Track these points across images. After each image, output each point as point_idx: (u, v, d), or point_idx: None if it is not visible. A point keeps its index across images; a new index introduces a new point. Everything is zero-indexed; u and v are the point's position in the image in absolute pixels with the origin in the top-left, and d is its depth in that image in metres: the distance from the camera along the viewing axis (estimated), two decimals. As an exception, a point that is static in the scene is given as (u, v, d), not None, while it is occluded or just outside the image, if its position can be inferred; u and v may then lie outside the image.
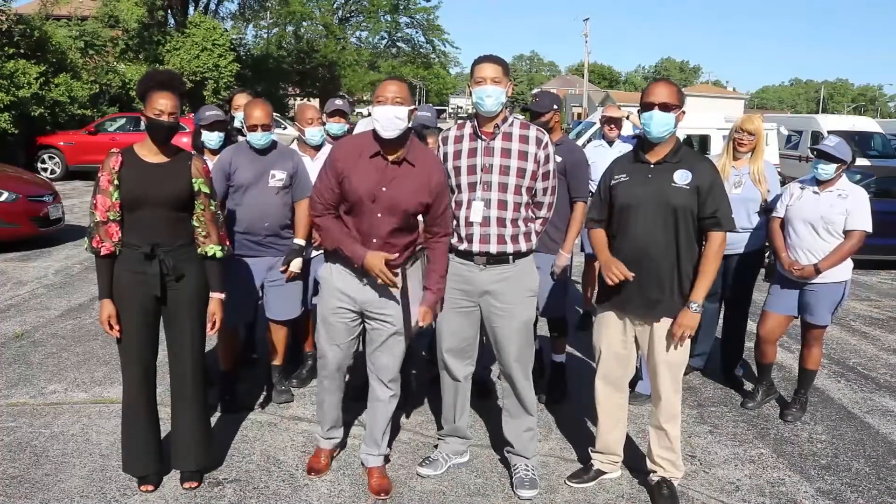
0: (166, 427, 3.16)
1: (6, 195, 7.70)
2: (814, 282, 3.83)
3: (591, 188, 3.78)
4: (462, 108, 62.30)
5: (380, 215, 2.84)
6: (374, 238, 2.86)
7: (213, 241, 3.00)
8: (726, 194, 2.95)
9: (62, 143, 14.90)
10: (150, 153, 2.89)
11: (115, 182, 2.81)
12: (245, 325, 4.48)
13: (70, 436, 3.54)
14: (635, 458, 3.43)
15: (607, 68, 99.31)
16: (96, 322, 5.26)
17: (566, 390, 4.23)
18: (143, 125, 2.88)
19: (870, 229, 3.75)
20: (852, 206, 3.72)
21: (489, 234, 2.98)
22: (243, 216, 3.71)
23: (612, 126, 5.54)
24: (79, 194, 12.61)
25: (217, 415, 3.80)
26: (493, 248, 2.99)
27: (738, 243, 4.27)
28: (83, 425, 3.66)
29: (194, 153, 3.11)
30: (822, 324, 3.93)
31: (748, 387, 4.45)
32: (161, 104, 2.80)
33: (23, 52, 14.95)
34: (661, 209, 2.88)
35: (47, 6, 16.79)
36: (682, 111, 2.90)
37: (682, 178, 2.87)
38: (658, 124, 2.86)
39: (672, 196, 2.87)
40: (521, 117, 3.68)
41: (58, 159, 14.89)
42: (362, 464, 3.24)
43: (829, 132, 8.58)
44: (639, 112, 2.96)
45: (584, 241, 5.21)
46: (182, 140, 9.64)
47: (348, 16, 37.72)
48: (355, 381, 3.64)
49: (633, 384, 3.68)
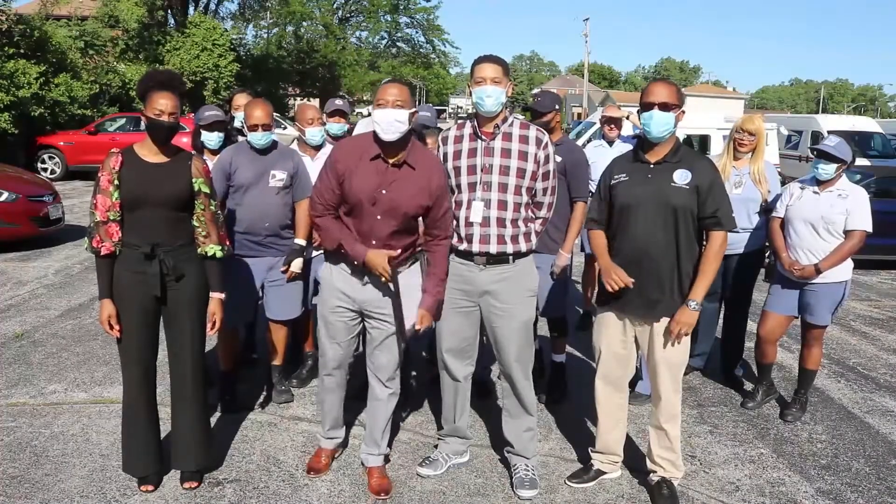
0: (166, 427, 3.16)
1: (6, 195, 7.71)
2: (814, 282, 3.83)
3: (591, 188, 3.78)
4: (462, 108, 62.28)
5: (379, 218, 2.84)
6: (374, 240, 2.86)
7: (213, 240, 3.00)
8: (726, 193, 2.95)
9: (62, 143, 14.90)
10: (150, 153, 2.89)
11: (116, 182, 2.81)
12: (245, 325, 4.48)
13: (70, 436, 3.54)
14: (635, 458, 3.43)
15: (607, 68, 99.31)
16: (96, 322, 5.26)
17: (566, 390, 4.23)
18: (144, 125, 2.88)
19: (870, 229, 3.75)
20: (852, 206, 3.72)
21: (489, 234, 2.98)
22: (243, 216, 3.71)
23: (612, 126, 5.55)
24: (79, 194, 12.61)
25: (217, 415, 3.80)
26: (492, 248, 2.98)
27: (738, 243, 4.27)
28: (83, 425, 3.66)
29: (194, 153, 3.11)
30: (823, 324, 3.93)
31: (748, 387, 4.45)
32: (161, 104, 2.80)
33: (23, 52, 14.95)
34: (660, 209, 2.88)
35: (47, 6, 16.78)
36: (682, 111, 2.90)
37: (681, 177, 2.87)
38: (658, 124, 2.86)
39: (672, 196, 2.87)
40: (521, 117, 3.68)
41: (58, 159, 14.89)
42: (362, 464, 3.24)
43: (829, 132, 8.59)
44: (638, 112, 2.96)
45: (584, 241, 5.21)
46: (182, 140, 9.63)
47: (348, 16, 37.73)
48: (355, 382, 3.64)
49: (633, 384, 3.68)
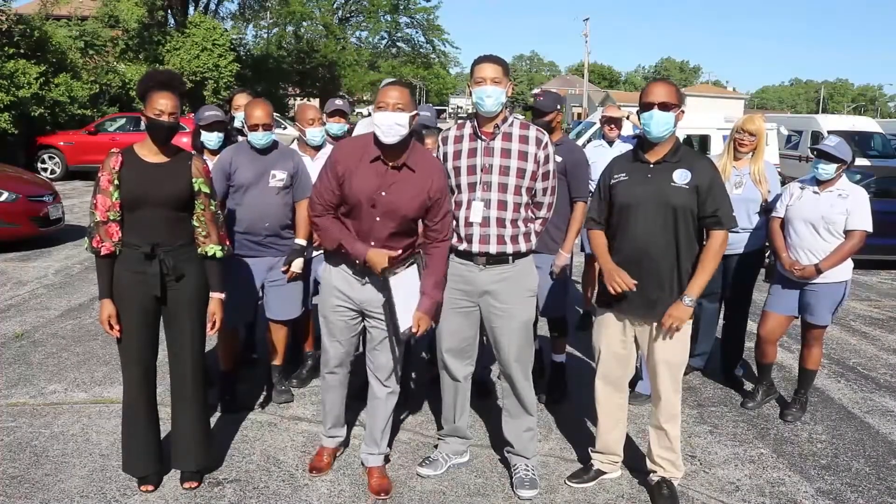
0: (166, 427, 3.16)
1: (6, 195, 7.71)
2: (814, 282, 3.83)
3: (591, 188, 3.78)
4: (462, 108, 62.23)
5: (378, 219, 2.84)
6: (373, 241, 2.86)
7: (213, 240, 3.00)
8: (727, 193, 2.95)
9: (62, 143, 14.90)
10: (150, 153, 2.89)
11: (116, 182, 2.81)
12: (245, 325, 4.48)
13: (70, 436, 3.54)
14: (635, 458, 3.43)
15: (607, 68, 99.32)
16: (96, 322, 5.26)
17: (566, 390, 4.23)
18: (144, 125, 2.88)
19: (870, 229, 3.75)
20: (852, 206, 3.72)
21: (489, 234, 2.98)
22: (243, 216, 3.71)
23: (612, 126, 5.55)
24: (79, 194, 12.61)
25: (217, 415, 3.80)
26: (492, 248, 2.98)
27: (738, 243, 4.27)
28: (83, 425, 3.66)
29: (194, 153, 3.11)
30: (823, 324, 3.92)
31: (748, 387, 4.45)
32: (161, 104, 2.80)
33: (23, 52, 14.95)
34: (660, 209, 2.88)
35: (47, 6, 16.78)
36: (682, 110, 2.90)
37: (681, 177, 2.87)
38: (658, 124, 2.86)
39: (672, 195, 2.87)
40: (521, 117, 3.68)
41: (58, 159, 14.89)
42: (362, 464, 3.24)
43: (829, 132, 8.60)
44: (638, 112, 2.96)
45: (584, 241, 5.21)
46: (182, 140, 9.63)
47: (348, 16, 37.72)
48: (356, 381, 3.64)
49: (633, 384, 3.68)
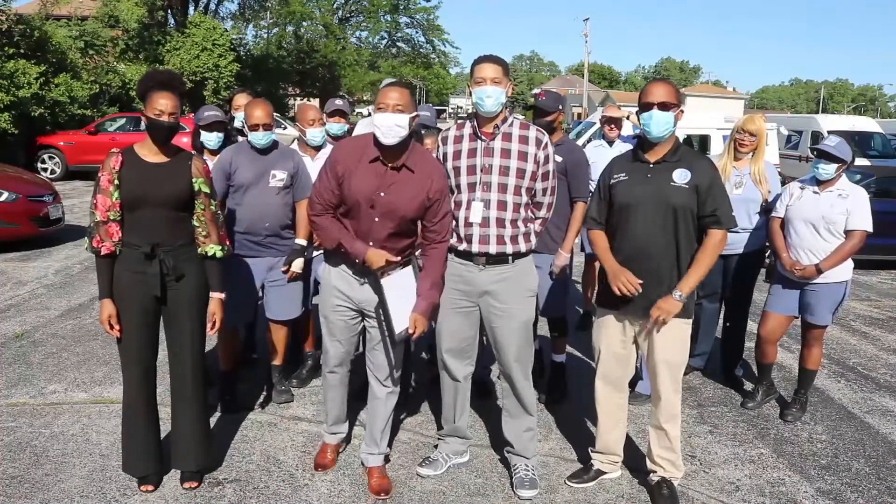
0: (166, 427, 3.16)
1: (6, 195, 7.71)
2: (815, 282, 3.83)
3: (592, 188, 3.78)
4: (462, 108, 62.25)
5: (377, 220, 2.84)
6: (372, 241, 2.86)
7: (213, 240, 3.00)
8: (726, 192, 2.95)
9: (62, 143, 14.90)
10: (150, 153, 2.89)
11: (116, 182, 2.81)
12: (245, 325, 4.48)
13: (70, 436, 3.54)
14: (635, 458, 3.43)
15: (607, 68, 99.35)
16: (96, 322, 5.26)
17: (566, 390, 4.23)
18: (144, 125, 2.88)
19: (870, 229, 3.75)
20: (853, 206, 3.72)
21: (488, 234, 2.98)
22: (243, 216, 3.71)
23: (612, 126, 5.55)
24: (79, 194, 12.61)
25: (217, 415, 3.80)
26: (492, 248, 2.98)
27: (738, 243, 4.27)
28: (83, 425, 3.66)
29: (194, 153, 3.12)
30: (823, 324, 3.92)
31: (748, 387, 4.45)
32: (161, 104, 2.80)
33: (23, 52, 14.95)
34: (660, 208, 2.88)
35: (47, 6, 16.78)
36: (681, 109, 2.90)
37: (681, 177, 2.87)
38: (658, 124, 2.86)
39: (671, 195, 2.87)
40: (521, 117, 3.68)
41: (58, 159, 14.89)
42: (362, 464, 3.24)
43: (829, 132, 8.59)
44: (637, 113, 2.96)
45: (584, 241, 5.21)
46: (182, 140, 9.63)
47: (348, 16, 37.72)
48: (356, 380, 3.64)
49: (633, 384, 3.68)
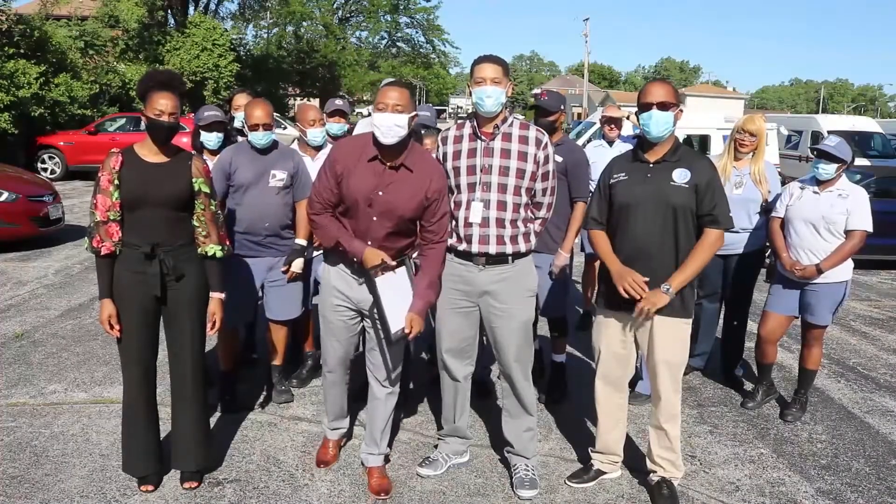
0: (166, 427, 3.16)
1: (6, 195, 7.71)
2: (815, 282, 3.82)
3: (592, 188, 3.78)
4: (462, 108, 62.27)
5: (375, 219, 2.84)
6: (370, 241, 2.86)
7: (213, 240, 3.00)
8: (724, 192, 2.95)
9: (62, 143, 14.90)
10: (150, 153, 2.90)
11: (116, 182, 2.81)
12: (245, 325, 4.48)
13: (70, 436, 3.54)
14: (635, 458, 3.43)
15: (607, 68, 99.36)
16: (96, 322, 5.26)
17: (566, 390, 4.23)
18: (144, 125, 2.88)
19: (870, 229, 3.75)
20: (853, 206, 3.72)
21: (488, 234, 2.98)
22: (243, 216, 3.71)
23: (613, 126, 5.55)
24: (79, 194, 12.61)
25: (217, 415, 3.80)
26: (492, 248, 2.98)
27: (738, 243, 4.27)
28: (83, 425, 3.66)
29: (194, 153, 3.12)
30: (823, 324, 3.92)
31: (748, 387, 4.45)
32: (161, 104, 2.81)
33: (23, 52, 14.95)
34: (660, 208, 2.88)
35: (47, 6, 16.78)
36: (680, 109, 2.90)
37: (680, 176, 2.87)
38: (657, 124, 2.86)
39: (671, 195, 2.87)
40: (521, 117, 3.68)
41: (58, 159, 14.89)
42: (362, 464, 3.24)
43: (829, 132, 8.59)
44: (636, 113, 2.96)
45: (584, 241, 5.21)
46: (182, 140, 9.63)
47: (348, 16, 37.71)
48: (357, 379, 3.64)
49: (633, 384, 3.68)
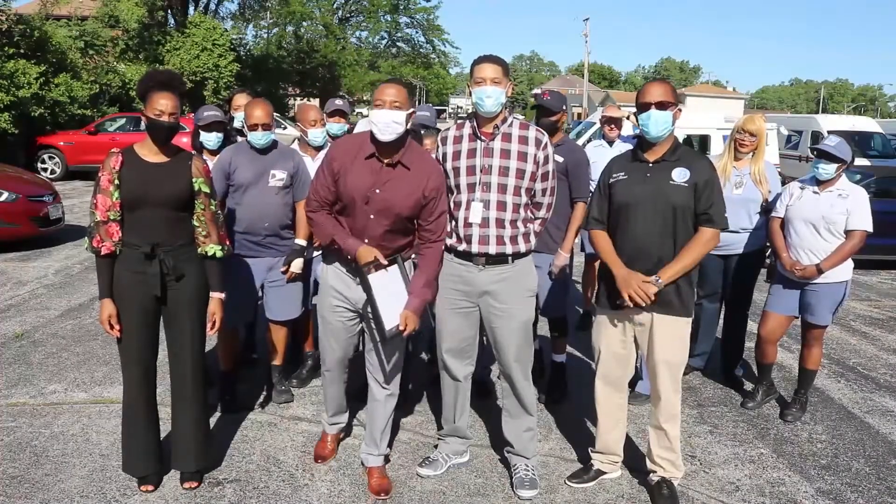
0: (166, 427, 3.16)
1: (6, 195, 7.70)
2: (815, 282, 3.82)
3: (592, 188, 3.78)
4: (462, 108, 62.31)
5: (372, 217, 2.84)
6: (367, 239, 2.86)
7: (213, 240, 3.00)
8: (721, 192, 2.95)
9: (62, 143, 14.90)
10: (150, 153, 2.90)
11: (116, 182, 2.82)
12: (245, 325, 4.48)
13: (70, 436, 3.54)
14: (635, 458, 3.43)
15: (607, 68, 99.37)
16: (96, 322, 5.26)
17: (566, 390, 4.23)
18: (144, 125, 2.88)
19: (871, 229, 3.75)
20: (853, 206, 3.72)
21: (488, 234, 2.98)
22: (243, 216, 3.71)
23: (613, 126, 5.55)
24: (79, 194, 12.61)
25: (217, 415, 3.80)
26: (492, 248, 2.98)
27: (738, 243, 4.27)
28: (83, 425, 3.66)
29: (194, 153, 3.12)
30: (823, 324, 3.92)
31: (748, 387, 4.45)
32: (161, 104, 2.81)
33: (23, 52, 14.94)
34: (659, 208, 2.88)
35: (47, 6, 16.77)
36: (679, 108, 2.91)
37: (680, 176, 2.87)
38: (657, 123, 2.86)
39: (671, 194, 2.87)
40: (521, 117, 3.68)
41: (58, 159, 14.88)
42: (362, 464, 3.24)
43: (829, 132, 8.59)
44: (636, 113, 2.96)
45: (584, 241, 5.21)
46: (182, 140, 9.63)
47: (348, 16, 37.70)
48: (357, 379, 3.64)
49: (633, 384, 3.69)
